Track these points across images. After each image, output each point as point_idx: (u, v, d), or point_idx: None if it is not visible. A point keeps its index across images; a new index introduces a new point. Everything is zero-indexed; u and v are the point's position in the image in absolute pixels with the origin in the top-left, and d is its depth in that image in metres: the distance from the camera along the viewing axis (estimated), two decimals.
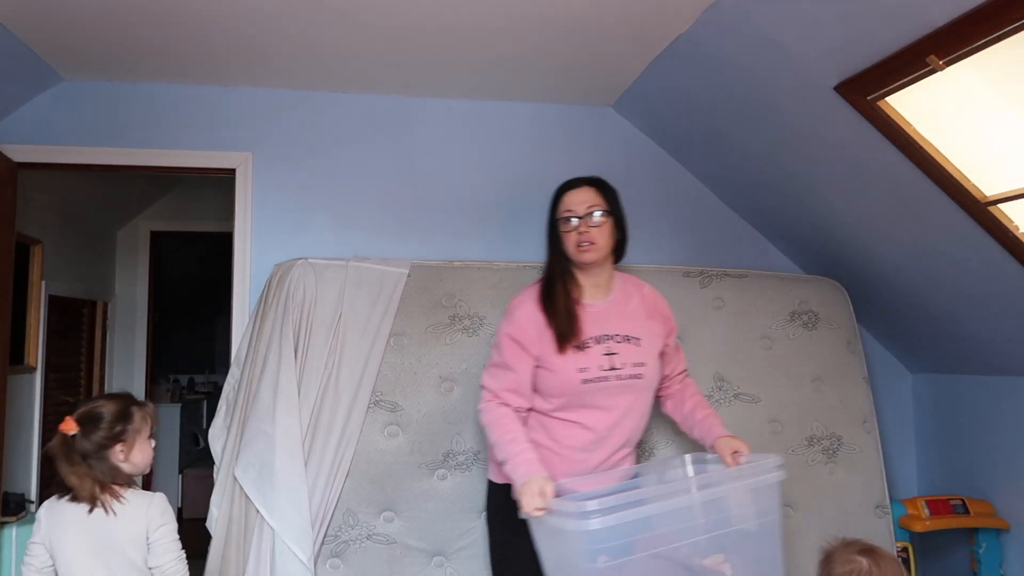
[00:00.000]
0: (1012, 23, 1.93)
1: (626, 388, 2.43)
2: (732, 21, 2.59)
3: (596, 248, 2.43)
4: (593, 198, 2.47)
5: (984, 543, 3.31)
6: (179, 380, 7.88)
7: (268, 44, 3.00)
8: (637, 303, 2.55)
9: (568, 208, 2.47)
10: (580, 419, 2.43)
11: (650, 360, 2.48)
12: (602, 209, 2.45)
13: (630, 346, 2.45)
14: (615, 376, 2.41)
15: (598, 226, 2.44)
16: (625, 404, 2.45)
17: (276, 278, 3.11)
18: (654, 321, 2.54)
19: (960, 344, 3.37)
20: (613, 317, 2.48)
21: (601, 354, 2.42)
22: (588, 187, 2.50)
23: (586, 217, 2.43)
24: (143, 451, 2.25)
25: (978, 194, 2.54)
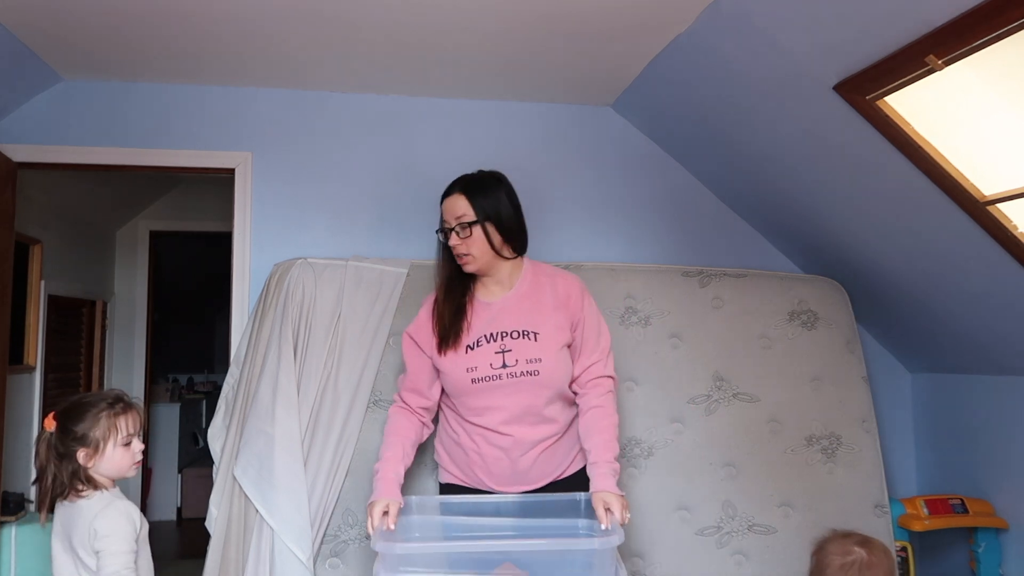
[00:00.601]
0: (1011, 23, 1.93)
1: (521, 386, 2.33)
2: (731, 21, 2.59)
3: (473, 259, 2.38)
4: (461, 207, 2.38)
5: (983, 542, 3.31)
6: (178, 379, 7.88)
7: (268, 44, 3.00)
8: (546, 295, 2.43)
9: (444, 218, 2.43)
10: (481, 421, 2.38)
11: (548, 356, 2.34)
12: (469, 220, 2.36)
13: (526, 341, 2.35)
14: (507, 374, 2.33)
15: (466, 239, 2.37)
16: (525, 402, 2.34)
17: (275, 278, 3.11)
18: (559, 315, 2.40)
19: (959, 344, 3.37)
20: (510, 312, 2.40)
21: (493, 352, 2.35)
22: (458, 194, 2.40)
23: (455, 229, 2.38)
24: (113, 458, 2.15)
25: (977, 194, 2.54)
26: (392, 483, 2.29)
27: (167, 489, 7.09)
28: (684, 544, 3.10)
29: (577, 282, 2.49)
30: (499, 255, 2.41)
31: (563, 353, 2.39)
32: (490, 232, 2.38)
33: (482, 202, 2.39)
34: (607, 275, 3.31)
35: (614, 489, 2.19)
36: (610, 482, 2.20)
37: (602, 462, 2.24)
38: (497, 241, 2.39)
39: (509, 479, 2.39)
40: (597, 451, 2.27)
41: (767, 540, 3.15)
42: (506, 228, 2.41)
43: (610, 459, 2.25)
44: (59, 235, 4.70)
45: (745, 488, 3.18)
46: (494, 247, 2.39)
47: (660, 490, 3.12)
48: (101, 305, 5.36)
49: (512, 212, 2.44)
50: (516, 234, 2.44)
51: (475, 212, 2.37)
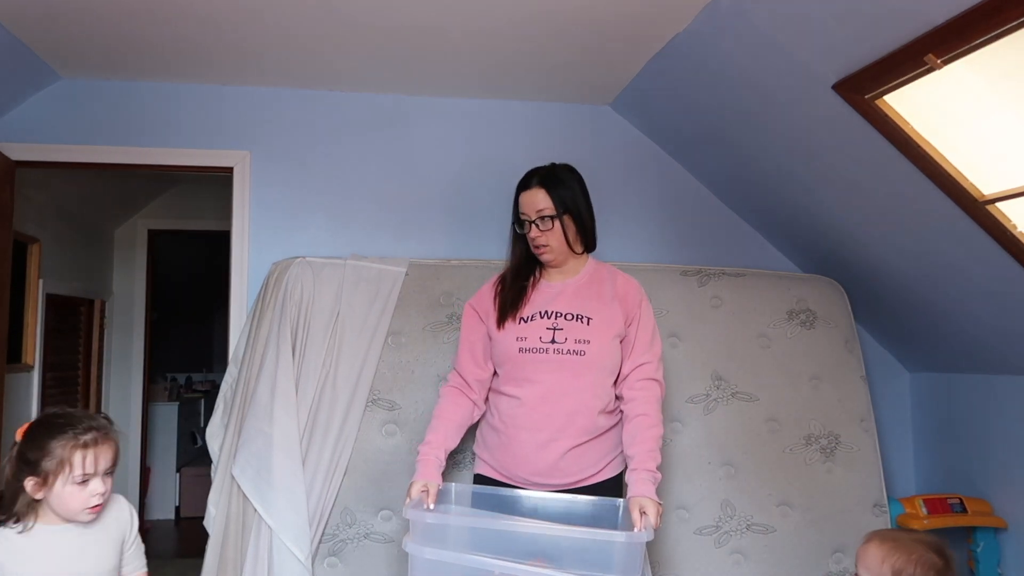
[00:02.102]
0: (1010, 22, 1.93)
1: (565, 363, 2.36)
2: (730, 20, 2.59)
3: (551, 250, 2.44)
4: (542, 201, 2.43)
5: (982, 542, 3.31)
6: (177, 379, 7.87)
7: (266, 43, 3.00)
8: (605, 287, 2.49)
9: (522, 211, 2.47)
10: (520, 392, 2.39)
11: (597, 339, 2.38)
12: (550, 214, 2.42)
13: (579, 324, 2.40)
14: (554, 349, 2.37)
15: (547, 231, 2.42)
16: (564, 381, 2.36)
17: (274, 276, 3.11)
18: (615, 305, 2.45)
19: (958, 343, 3.37)
20: (567, 297, 2.46)
21: (544, 327, 2.41)
22: (539, 188, 2.45)
23: (536, 222, 2.43)
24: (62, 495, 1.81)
25: (976, 193, 2.54)
26: (432, 465, 2.34)
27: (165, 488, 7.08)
28: (683, 543, 3.10)
29: (638, 285, 2.53)
30: (572, 249, 2.47)
31: (613, 343, 2.42)
32: (567, 225, 2.44)
33: (562, 195, 2.45)
34: None
35: (652, 495, 2.20)
36: (649, 488, 2.21)
37: (642, 469, 2.25)
38: (572, 234, 2.46)
39: (538, 470, 2.37)
40: (639, 459, 2.27)
41: (766, 539, 3.15)
42: (582, 221, 2.47)
43: (652, 468, 2.25)
44: (57, 234, 4.70)
45: (744, 487, 3.18)
46: (569, 241, 2.45)
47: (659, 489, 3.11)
48: (99, 304, 5.36)
49: (587, 207, 2.51)
50: (589, 229, 2.51)
51: (555, 206, 2.43)
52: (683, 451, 3.18)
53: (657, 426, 2.35)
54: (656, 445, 2.31)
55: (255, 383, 2.95)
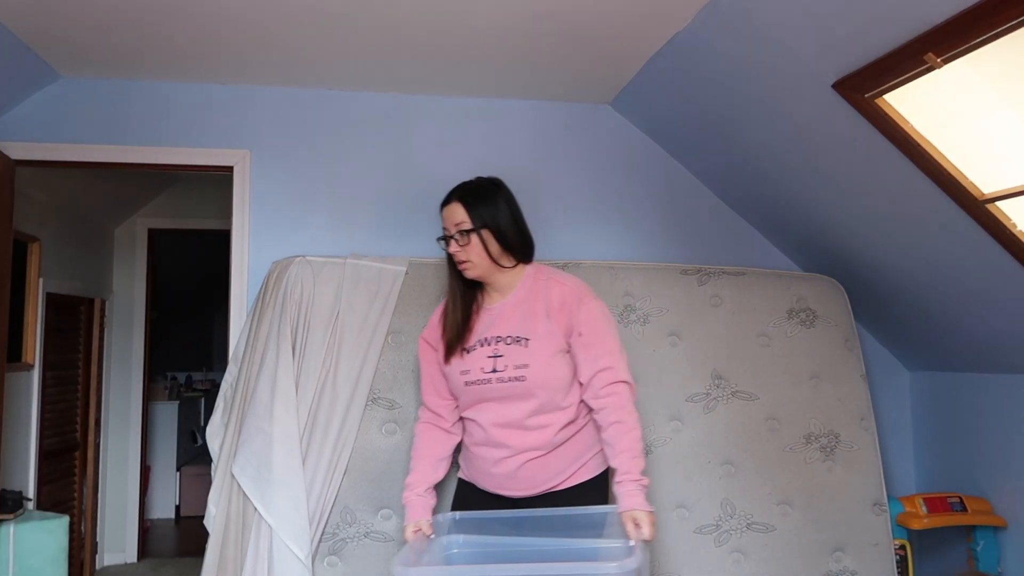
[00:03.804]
0: (1010, 21, 1.93)
1: (509, 390, 2.34)
2: (730, 18, 2.59)
3: (473, 265, 2.39)
4: (460, 215, 2.39)
5: (982, 541, 3.32)
6: (177, 377, 7.88)
7: (266, 42, 3.00)
8: (540, 302, 2.39)
9: (444, 226, 2.44)
10: (477, 422, 2.42)
11: (536, 361, 2.32)
12: (467, 228, 2.37)
13: (518, 347, 2.35)
14: (496, 379, 2.35)
15: (466, 246, 2.38)
16: (511, 407, 2.35)
17: (274, 276, 3.11)
18: (552, 319, 2.36)
19: (958, 342, 3.37)
20: (506, 318, 2.40)
21: (486, 356, 2.38)
22: (456, 203, 2.42)
23: (455, 237, 2.40)
24: None
25: (976, 192, 2.54)
26: (417, 506, 2.39)
27: (165, 487, 7.09)
28: (682, 542, 3.10)
29: (575, 288, 2.42)
30: (497, 263, 2.41)
31: (556, 360, 2.35)
32: (487, 240, 2.38)
33: (480, 210, 2.40)
34: (606, 273, 3.31)
35: (643, 506, 2.15)
36: (639, 499, 2.16)
37: (628, 480, 2.19)
38: (494, 250, 2.39)
39: (500, 483, 2.41)
40: (623, 469, 2.21)
41: (765, 538, 3.15)
42: (504, 237, 2.40)
43: (637, 476, 2.19)
44: (57, 233, 4.70)
45: (744, 486, 3.19)
46: (491, 255, 2.39)
47: (658, 488, 3.12)
48: (99, 303, 5.36)
49: (511, 221, 2.43)
50: (515, 243, 2.43)
51: (472, 220, 2.38)
52: (683, 450, 3.18)
53: (635, 428, 2.27)
54: (638, 450, 2.24)
55: (255, 382, 2.95)
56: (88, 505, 5.15)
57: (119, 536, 5.68)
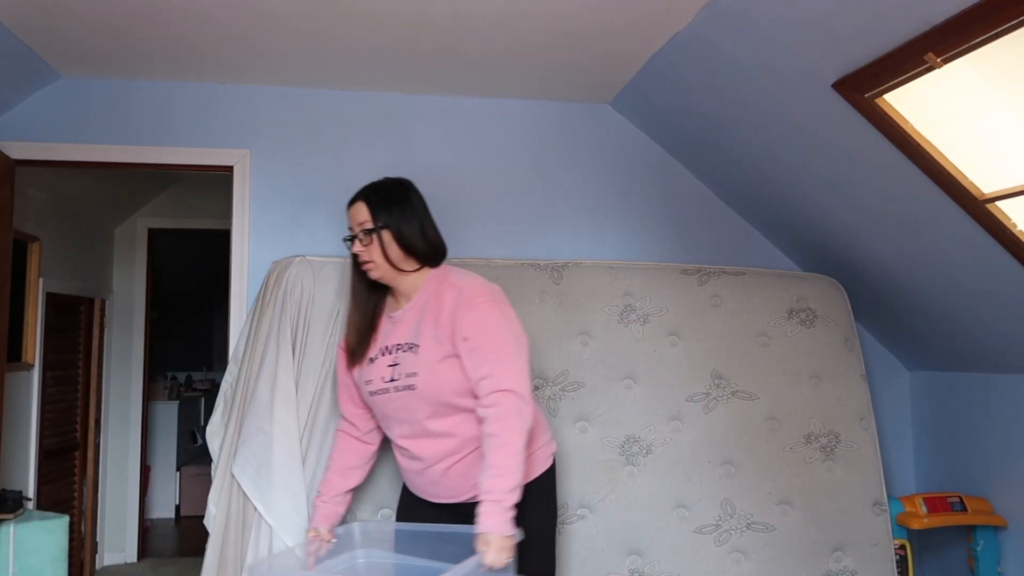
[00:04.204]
0: (1010, 21, 1.93)
1: (405, 399, 2.30)
2: (730, 18, 2.59)
3: (376, 266, 2.34)
4: (363, 215, 2.35)
5: (982, 541, 3.31)
6: (177, 377, 7.89)
7: (266, 41, 3.00)
8: (431, 307, 2.32)
9: (349, 225, 2.40)
10: (388, 433, 2.42)
11: (424, 367, 2.26)
12: (369, 227, 2.33)
13: (410, 354, 2.30)
14: (393, 388, 2.32)
15: (368, 246, 2.34)
16: (410, 416, 2.32)
17: (274, 275, 3.11)
18: (439, 326, 2.28)
19: (958, 342, 3.37)
20: (404, 325, 2.36)
21: (386, 365, 2.35)
22: (360, 202, 2.37)
23: (359, 236, 2.36)
24: None
25: (976, 192, 2.54)
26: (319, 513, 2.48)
27: (165, 487, 7.10)
28: (682, 542, 3.10)
29: (470, 290, 2.30)
30: (396, 267, 2.35)
31: (444, 365, 2.26)
32: (386, 243, 2.33)
33: (383, 210, 2.35)
34: (606, 273, 3.31)
35: (496, 529, 2.04)
36: (492, 521, 2.05)
37: (487, 500, 2.07)
38: (394, 253, 2.34)
39: (427, 491, 2.40)
40: (484, 486, 2.09)
41: (765, 538, 3.15)
42: (405, 240, 2.34)
43: (499, 496, 2.07)
44: (57, 232, 4.70)
45: (744, 486, 3.19)
46: (390, 259, 2.34)
47: (658, 488, 3.13)
48: (99, 303, 5.36)
49: (415, 224, 2.37)
50: (419, 246, 2.36)
51: (374, 220, 2.34)
52: (683, 450, 3.18)
53: (508, 444, 2.12)
54: (508, 467, 2.10)
55: (255, 382, 2.95)
56: (88, 505, 5.15)
57: (119, 536, 5.68)
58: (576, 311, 3.24)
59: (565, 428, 3.11)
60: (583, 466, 3.10)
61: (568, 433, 3.11)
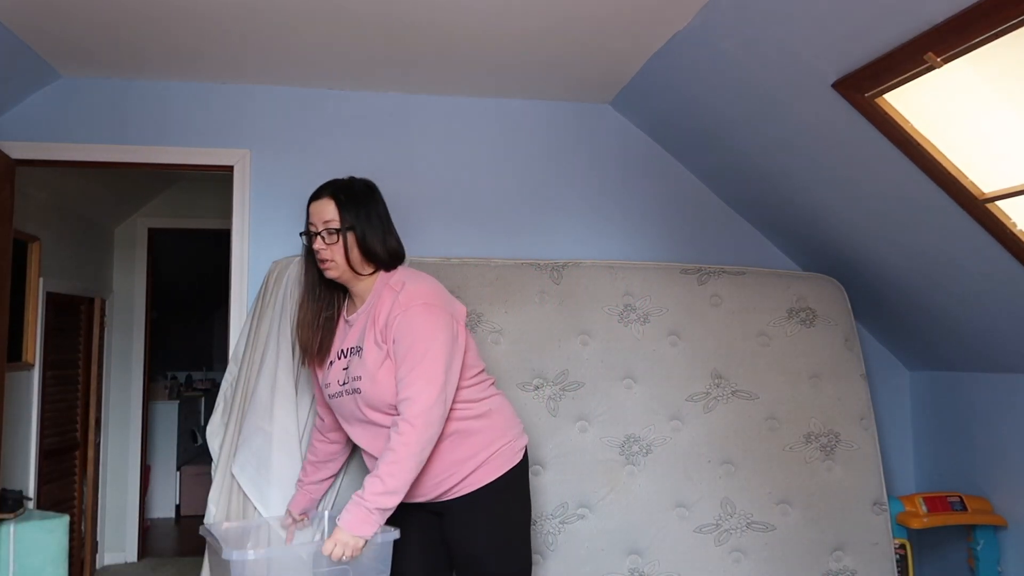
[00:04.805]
0: (1010, 20, 1.93)
1: (354, 402, 2.32)
2: (730, 18, 2.59)
3: (335, 265, 2.33)
4: (330, 212, 2.32)
5: (982, 540, 3.32)
6: (177, 377, 7.89)
7: (266, 41, 2.99)
8: (375, 311, 2.31)
9: (310, 220, 2.37)
10: (347, 430, 2.44)
11: (367, 372, 2.26)
12: (336, 227, 2.31)
13: (356, 358, 2.31)
14: (344, 391, 2.34)
15: (332, 245, 2.31)
16: (360, 418, 2.33)
17: (274, 275, 3.11)
18: (378, 327, 2.28)
19: (958, 341, 3.37)
20: (356, 328, 2.36)
21: (341, 369, 2.37)
22: (327, 198, 2.34)
23: (321, 234, 2.33)
24: None
25: (976, 191, 2.54)
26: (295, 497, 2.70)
27: (166, 487, 7.10)
28: (682, 541, 3.10)
29: (408, 293, 2.27)
30: (354, 269, 2.34)
31: (384, 370, 2.25)
32: (350, 245, 2.32)
33: (351, 211, 2.33)
34: (606, 272, 3.31)
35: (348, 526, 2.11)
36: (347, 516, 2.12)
37: (356, 497, 2.14)
38: (355, 256, 2.33)
39: None
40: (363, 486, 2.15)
41: (765, 537, 3.15)
42: (367, 244, 2.33)
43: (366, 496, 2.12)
44: (57, 232, 4.70)
45: (743, 485, 3.19)
46: (350, 261, 2.32)
47: (658, 487, 3.13)
48: (100, 302, 5.36)
49: (379, 231, 2.36)
50: (378, 251, 2.35)
51: (341, 220, 2.32)
52: (683, 449, 3.18)
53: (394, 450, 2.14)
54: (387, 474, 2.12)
55: (255, 381, 2.95)
56: (88, 504, 5.15)
57: (119, 535, 5.68)
58: (576, 311, 3.24)
59: (565, 428, 3.11)
60: (583, 466, 3.10)
61: (568, 433, 3.11)
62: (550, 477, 3.06)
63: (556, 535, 3.02)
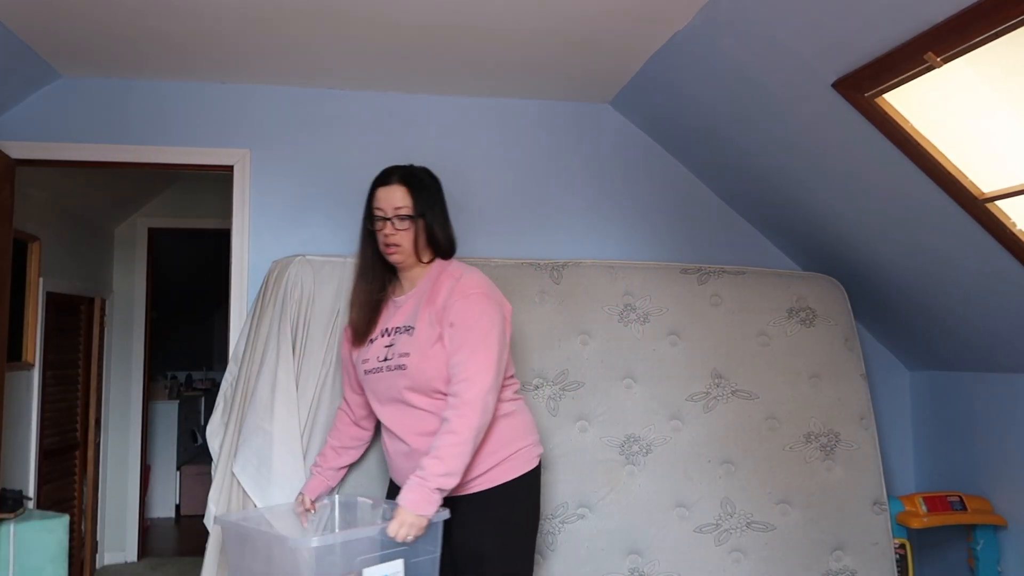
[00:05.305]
0: (1009, 20, 1.93)
1: (393, 379, 2.36)
2: (730, 17, 2.59)
3: (402, 250, 2.39)
4: (402, 199, 2.38)
5: (981, 540, 3.32)
6: (177, 377, 7.89)
7: (266, 41, 3.00)
8: (433, 292, 2.37)
9: (378, 206, 2.41)
10: (377, 409, 2.47)
11: (417, 350, 2.31)
12: (408, 214, 2.38)
13: (406, 336, 2.37)
14: (385, 367, 2.39)
15: (402, 231, 2.38)
16: (396, 395, 2.37)
17: (274, 274, 3.11)
18: (432, 309, 2.34)
19: (958, 341, 3.37)
20: (405, 309, 2.43)
21: (383, 346, 2.42)
22: (399, 185, 2.41)
23: (392, 220, 2.38)
24: None
25: (975, 191, 2.54)
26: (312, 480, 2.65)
27: (166, 486, 7.10)
28: (682, 541, 3.10)
29: (467, 282, 2.35)
30: (418, 256, 2.42)
31: (435, 350, 2.31)
32: (419, 231, 2.39)
33: (422, 198, 2.41)
34: (605, 272, 3.31)
35: (411, 505, 2.12)
36: (410, 495, 2.14)
37: (416, 477, 2.16)
38: (422, 241, 2.41)
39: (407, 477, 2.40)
40: (424, 463, 2.17)
41: (765, 537, 3.15)
42: (435, 233, 2.42)
43: (428, 475, 2.14)
44: (57, 232, 4.70)
45: (743, 485, 3.19)
46: (417, 247, 2.40)
47: (658, 487, 3.13)
48: (100, 302, 5.36)
49: (444, 219, 2.46)
50: (441, 239, 2.44)
51: (414, 206, 2.39)
52: (683, 449, 3.18)
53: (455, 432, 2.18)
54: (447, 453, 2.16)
55: (255, 381, 2.95)
56: (88, 504, 5.15)
57: (119, 535, 5.68)
58: (576, 311, 3.24)
59: (565, 428, 3.11)
60: (583, 466, 3.10)
61: (568, 433, 3.11)
62: (550, 477, 3.06)
63: (556, 535, 3.02)
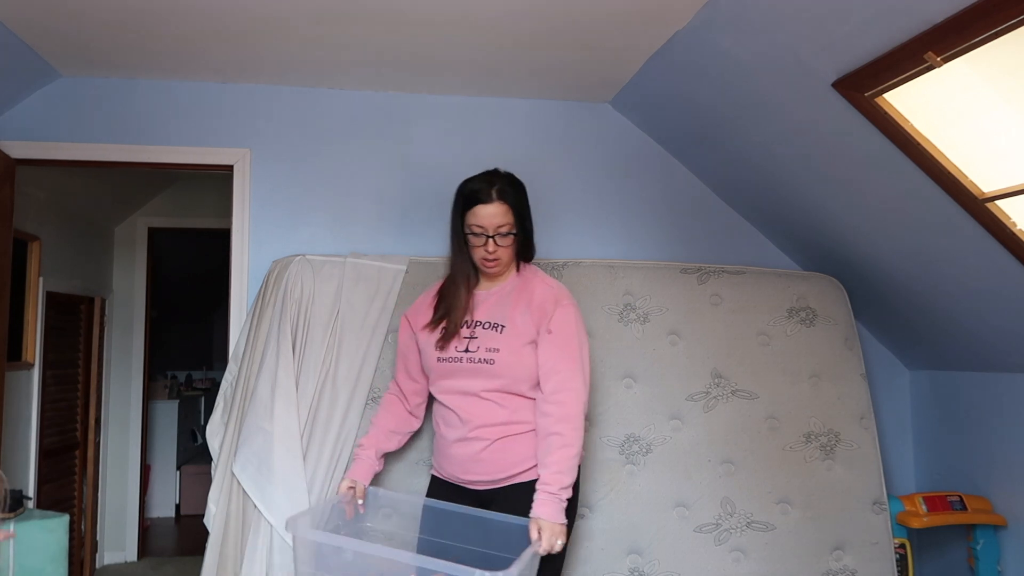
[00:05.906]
0: (1009, 20, 1.93)
1: (476, 372, 2.43)
2: (730, 17, 2.59)
3: (501, 263, 2.50)
4: (503, 217, 2.46)
5: (982, 540, 3.32)
6: (177, 376, 7.88)
7: (266, 40, 2.99)
8: (523, 297, 2.49)
9: (478, 224, 2.46)
10: (442, 400, 2.52)
11: (507, 347, 2.41)
12: (511, 231, 2.47)
13: (492, 332, 2.45)
14: (467, 359, 2.45)
15: (503, 247, 2.48)
16: (476, 387, 2.43)
17: (274, 274, 3.11)
18: (531, 313, 2.44)
19: (958, 341, 3.37)
20: (488, 305, 2.51)
21: (463, 337, 2.48)
22: (500, 203, 2.46)
23: (494, 237, 2.46)
24: None
25: (976, 191, 2.54)
26: (363, 464, 2.58)
27: (165, 486, 7.10)
28: (682, 541, 3.10)
29: (558, 290, 2.50)
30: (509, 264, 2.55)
31: (526, 350, 2.42)
32: (516, 245, 2.51)
33: (520, 214, 2.51)
34: (605, 272, 3.31)
35: (551, 516, 2.22)
36: (549, 509, 2.22)
37: (544, 492, 2.25)
38: (514, 252, 2.53)
39: (462, 466, 2.47)
40: (545, 479, 2.27)
41: (765, 537, 3.15)
42: (527, 237, 2.55)
43: (555, 490, 2.25)
44: (57, 232, 4.70)
45: (743, 485, 3.19)
46: (512, 257, 2.53)
47: (658, 487, 3.13)
48: (99, 302, 5.36)
49: (531, 220, 2.57)
50: (528, 246, 2.58)
51: (515, 224, 2.48)
52: (683, 449, 3.18)
53: (571, 445, 2.30)
54: (567, 466, 2.28)
55: (255, 380, 2.95)
56: (88, 504, 5.15)
57: (119, 535, 5.68)
58: None
59: None
60: (583, 465, 3.09)
61: None
62: None
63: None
